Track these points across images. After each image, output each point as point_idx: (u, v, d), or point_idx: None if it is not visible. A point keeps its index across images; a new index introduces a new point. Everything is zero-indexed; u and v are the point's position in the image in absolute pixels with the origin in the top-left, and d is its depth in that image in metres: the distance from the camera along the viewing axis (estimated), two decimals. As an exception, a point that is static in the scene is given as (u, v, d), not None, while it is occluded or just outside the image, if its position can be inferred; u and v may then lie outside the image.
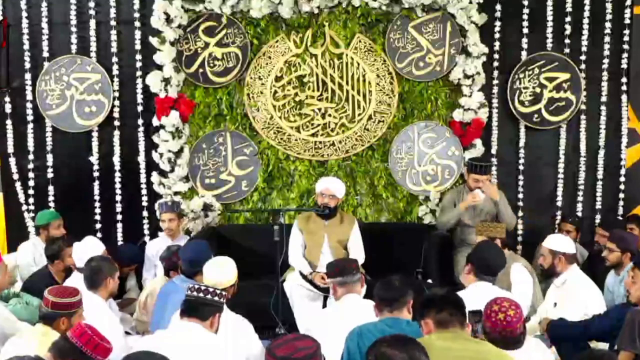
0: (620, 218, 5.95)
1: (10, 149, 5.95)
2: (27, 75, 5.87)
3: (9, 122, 5.94)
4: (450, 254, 5.31)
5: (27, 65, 5.88)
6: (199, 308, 3.04)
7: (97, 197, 5.95)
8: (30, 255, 5.26)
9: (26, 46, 5.87)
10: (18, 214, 5.97)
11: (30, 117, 5.91)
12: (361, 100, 5.84)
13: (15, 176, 5.94)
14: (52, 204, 5.90)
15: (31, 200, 5.93)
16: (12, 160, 5.95)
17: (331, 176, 5.62)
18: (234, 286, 3.74)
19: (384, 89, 5.83)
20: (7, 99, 5.92)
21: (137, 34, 5.79)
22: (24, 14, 5.85)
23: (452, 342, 2.68)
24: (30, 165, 5.93)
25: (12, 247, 5.83)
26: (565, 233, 5.53)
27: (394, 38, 5.78)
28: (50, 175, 5.94)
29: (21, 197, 5.95)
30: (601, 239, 5.26)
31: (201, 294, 3.05)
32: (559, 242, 4.26)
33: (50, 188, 5.93)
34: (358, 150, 5.88)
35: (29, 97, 5.89)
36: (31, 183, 5.93)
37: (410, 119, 5.87)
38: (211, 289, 3.08)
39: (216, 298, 3.08)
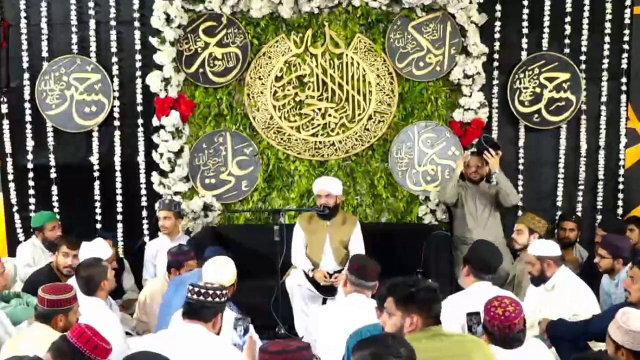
0: (619, 218, 5.94)
1: (9, 149, 5.95)
2: (27, 75, 5.88)
3: (8, 122, 5.94)
4: (450, 254, 5.31)
5: (27, 65, 5.88)
6: (200, 311, 3.03)
7: (97, 197, 5.95)
8: (30, 256, 5.26)
9: (26, 46, 5.87)
10: (19, 213, 5.99)
11: (29, 117, 5.91)
12: (361, 100, 5.84)
13: (11, 177, 5.96)
14: (52, 204, 5.90)
15: (32, 200, 5.93)
16: (11, 161, 5.96)
17: (329, 176, 5.62)
18: (234, 286, 3.74)
19: (384, 89, 5.83)
20: (6, 99, 5.92)
21: (137, 34, 5.79)
22: (24, 14, 5.85)
23: (439, 342, 2.58)
24: (30, 166, 5.93)
25: (12, 246, 5.84)
26: (568, 231, 5.54)
27: (394, 38, 5.78)
28: (50, 175, 5.93)
29: (14, 198, 5.97)
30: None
31: (201, 297, 3.03)
32: (544, 247, 4.19)
33: (53, 188, 5.92)
34: (358, 150, 5.89)
35: (29, 97, 5.88)
36: (31, 183, 5.93)
37: (410, 119, 5.87)
38: (211, 292, 3.05)
39: (217, 300, 3.06)
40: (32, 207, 5.91)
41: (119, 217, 5.96)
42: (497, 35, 5.81)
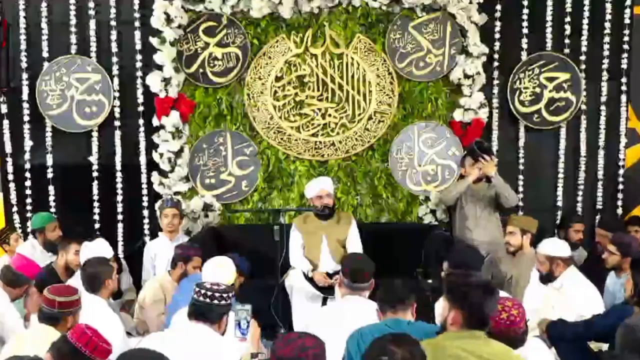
0: (618, 218, 5.94)
1: (9, 149, 5.95)
2: (27, 75, 5.87)
3: (8, 122, 5.94)
4: (451, 254, 5.31)
5: (27, 65, 5.88)
6: (206, 313, 3.02)
7: (97, 197, 5.94)
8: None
9: (26, 46, 5.87)
10: (19, 214, 5.98)
11: (29, 117, 5.91)
12: (361, 100, 5.84)
13: (11, 177, 5.96)
14: (52, 205, 5.90)
15: (31, 200, 5.92)
16: (11, 161, 5.96)
17: (325, 176, 5.61)
18: (234, 285, 3.74)
19: (384, 89, 5.83)
20: (6, 99, 5.92)
21: (137, 34, 5.79)
22: (24, 14, 5.85)
23: (467, 344, 2.52)
24: (30, 166, 5.93)
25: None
26: (578, 233, 5.53)
27: (394, 38, 5.78)
28: (50, 175, 5.94)
29: (14, 199, 5.96)
30: (603, 240, 5.25)
31: (208, 300, 3.01)
32: (555, 246, 4.20)
33: (50, 188, 5.93)
34: (358, 150, 5.88)
35: (29, 97, 5.88)
36: (31, 184, 5.92)
37: (411, 119, 5.87)
38: (217, 294, 3.03)
39: (223, 302, 3.05)
40: (31, 208, 5.90)
41: (119, 217, 5.96)
42: (497, 35, 5.81)
